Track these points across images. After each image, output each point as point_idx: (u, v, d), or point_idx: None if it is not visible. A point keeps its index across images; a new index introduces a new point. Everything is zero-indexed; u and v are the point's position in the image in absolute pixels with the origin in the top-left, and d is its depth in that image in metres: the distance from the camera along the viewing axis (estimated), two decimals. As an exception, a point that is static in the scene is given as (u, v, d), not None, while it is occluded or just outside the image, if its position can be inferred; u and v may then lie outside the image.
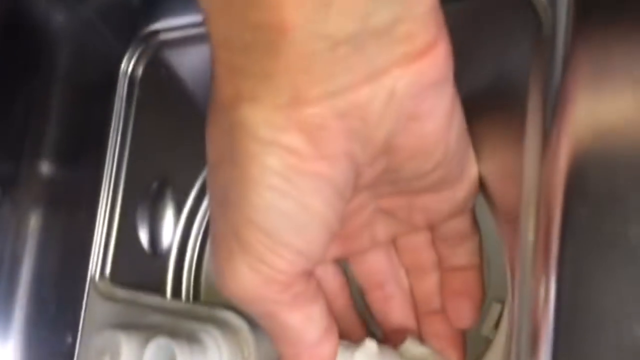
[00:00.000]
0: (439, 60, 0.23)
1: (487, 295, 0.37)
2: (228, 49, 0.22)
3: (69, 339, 0.42)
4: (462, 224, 0.33)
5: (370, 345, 0.29)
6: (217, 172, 0.24)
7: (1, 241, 0.45)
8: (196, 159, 0.39)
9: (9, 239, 0.46)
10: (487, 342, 0.37)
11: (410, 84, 0.22)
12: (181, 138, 0.42)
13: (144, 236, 0.43)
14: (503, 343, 0.33)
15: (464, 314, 0.34)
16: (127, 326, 0.34)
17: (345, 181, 0.24)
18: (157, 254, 0.43)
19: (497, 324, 0.37)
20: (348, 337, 0.31)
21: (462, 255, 0.34)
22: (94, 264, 0.43)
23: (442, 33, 0.23)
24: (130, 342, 0.33)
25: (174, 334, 0.32)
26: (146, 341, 0.32)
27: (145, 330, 0.34)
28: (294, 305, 0.25)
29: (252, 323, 0.34)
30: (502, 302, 0.37)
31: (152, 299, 0.37)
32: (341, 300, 0.35)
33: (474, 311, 0.34)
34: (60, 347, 0.43)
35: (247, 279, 0.23)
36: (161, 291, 0.42)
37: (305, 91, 0.21)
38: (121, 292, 0.40)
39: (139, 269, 0.43)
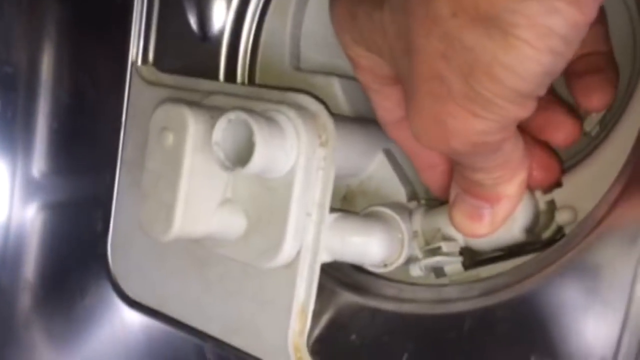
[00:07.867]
0: None
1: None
2: None
3: (111, 129, 0.37)
4: None
5: None
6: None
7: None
8: None
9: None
10: (589, 139, 0.33)
11: None
12: None
13: (192, 18, 0.38)
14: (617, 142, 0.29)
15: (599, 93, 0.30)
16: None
17: None
18: (207, 37, 0.38)
19: (602, 119, 0.33)
20: None
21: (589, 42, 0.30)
22: (135, 48, 0.38)
23: None
24: (197, 115, 0.28)
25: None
26: (214, 117, 0.28)
27: (210, 110, 0.29)
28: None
29: (329, 110, 0.30)
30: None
31: (211, 83, 0.32)
32: None
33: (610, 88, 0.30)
34: (103, 135, 0.39)
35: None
36: (212, 78, 0.37)
37: None
38: (169, 78, 0.35)
39: (187, 54, 0.38)
